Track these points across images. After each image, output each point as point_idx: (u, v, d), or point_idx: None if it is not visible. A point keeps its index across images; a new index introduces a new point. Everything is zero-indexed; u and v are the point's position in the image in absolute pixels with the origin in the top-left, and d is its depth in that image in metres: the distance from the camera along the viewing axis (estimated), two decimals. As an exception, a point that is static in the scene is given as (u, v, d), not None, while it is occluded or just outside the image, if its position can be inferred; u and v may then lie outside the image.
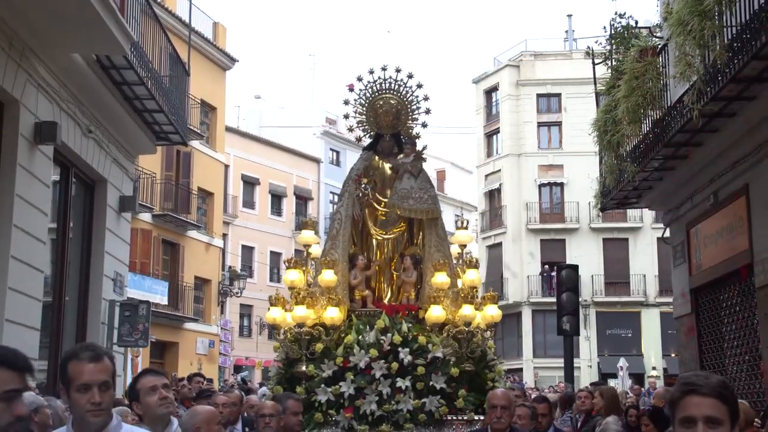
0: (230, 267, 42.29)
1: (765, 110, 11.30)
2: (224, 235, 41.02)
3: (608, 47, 15.57)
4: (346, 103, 10.23)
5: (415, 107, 10.29)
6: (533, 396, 12.68)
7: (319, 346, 8.80)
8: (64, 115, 12.11)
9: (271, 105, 59.18)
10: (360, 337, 8.82)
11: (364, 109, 10.26)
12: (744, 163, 12.43)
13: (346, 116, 10.32)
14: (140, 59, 13.56)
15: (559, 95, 47.86)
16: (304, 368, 8.77)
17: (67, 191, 13.16)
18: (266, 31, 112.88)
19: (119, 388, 14.83)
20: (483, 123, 51.72)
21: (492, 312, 9.41)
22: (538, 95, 49.03)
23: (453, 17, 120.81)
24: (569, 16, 52.12)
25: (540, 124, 49.24)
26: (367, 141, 10.50)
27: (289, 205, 48.15)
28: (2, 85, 10.28)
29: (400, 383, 8.50)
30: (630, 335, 45.62)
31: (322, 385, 8.57)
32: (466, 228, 10.39)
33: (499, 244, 49.04)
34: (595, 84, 16.50)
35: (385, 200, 9.96)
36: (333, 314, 8.89)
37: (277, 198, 48.35)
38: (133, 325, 14.80)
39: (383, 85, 10.20)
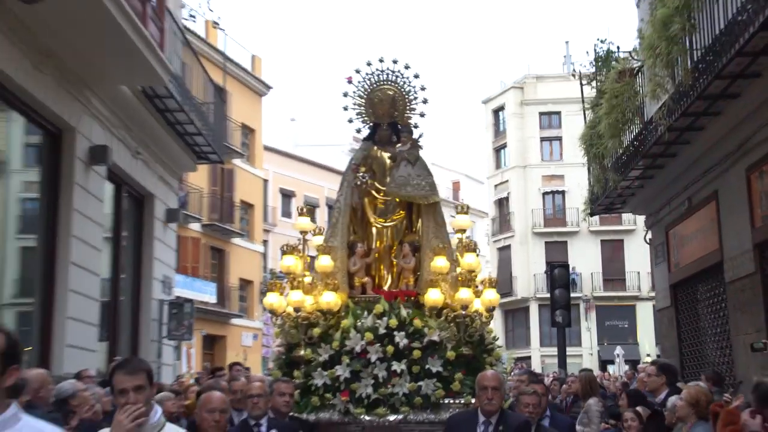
0: (271, 269, 42.41)
1: (730, 123, 11.28)
2: (264, 242, 41.15)
3: (593, 69, 15.54)
4: (345, 95, 9.22)
5: (412, 97, 9.27)
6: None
7: (317, 331, 8.04)
8: (115, 140, 12.28)
9: (304, 126, 59.38)
10: (357, 321, 8.07)
11: (363, 100, 9.26)
12: (713, 172, 12.39)
13: (345, 108, 9.26)
14: (181, 89, 13.72)
15: (559, 113, 47.67)
16: (302, 353, 8.00)
17: (119, 205, 13.32)
18: (299, 61, 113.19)
19: (169, 376, 15.00)
20: (492, 139, 51.67)
21: (490, 296, 8.47)
22: (540, 113, 48.96)
23: (463, 45, 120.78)
24: (567, 42, 52.17)
25: (542, 139, 49.12)
26: (366, 132, 9.51)
27: (321, 214, 48.20)
28: (61, 115, 10.46)
29: (396, 367, 7.73)
30: (626, 326, 45.35)
31: (319, 369, 7.79)
32: (466, 213, 9.17)
33: (508, 247, 48.97)
34: (583, 102, 16.41)
35: (384, 188, 9.02)
36: (329, 299, 8.15)
37: (311, 208, 48.51)
38: (179, 321, 14.94)
39: (381, 76, 9.20)
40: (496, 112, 51.45)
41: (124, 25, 9.50)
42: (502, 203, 50.44)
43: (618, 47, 15.09)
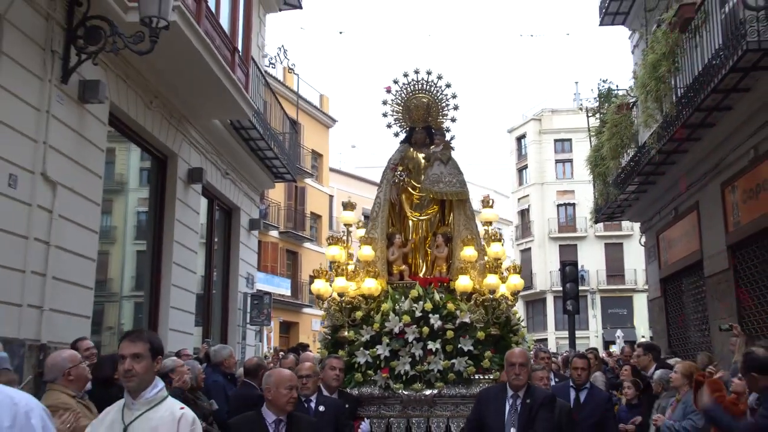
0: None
1: (707, 147, 11.20)
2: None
3: (597, 104, 15.47)
4: (385, 102, 8.50)
5: (444, 104, 8.50)
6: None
7: (359, 314, 7.45)
8: (209, 163, 12.39)
9: (363, 151, 59.57)
10: (396, 305, 7.45)
11: (400, 106, 8.56)
12: (695, 187, 12.27)
13: (385, 114, 8.52)
14: (262, 122, 13.83)
15: (570, 139, 47.23)
16: (346, 333, 7.43)
17: (212, 216, 13.39)
18: (358, 99, 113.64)
19: (251, 355, 15.01)
20: (515, 161, 51.45)
21: (515, 281, 7.77)
22: (555, 140, 48.62)
23: (491, 85, 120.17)
24: (576, 82, 52.01)
25: (557, 161, 48.76)
26: (403, 135, 8.73)
27: (375, 222, 48.25)
28: (166, 143, 10.61)
29: (431, 346, 7.14)
30: (625, 313, 44.84)
31: (361, 349, 7.24)
32: (492, 207, 8.30)
33: (529, 249, 48.74)
34: (589, 131, 16.36)
35: (419, 186, 8.33)
36: (370, 285, 7.56)
37: (368, 219, 48.48)
38: (260, 310, 14.89)
39: (416, 86, 8.49)
40: (519, 139, 51.29)
41: (217, 71, 9.61)
42: (523, 214, 50.22)
43: (617, 86, 15.05)
